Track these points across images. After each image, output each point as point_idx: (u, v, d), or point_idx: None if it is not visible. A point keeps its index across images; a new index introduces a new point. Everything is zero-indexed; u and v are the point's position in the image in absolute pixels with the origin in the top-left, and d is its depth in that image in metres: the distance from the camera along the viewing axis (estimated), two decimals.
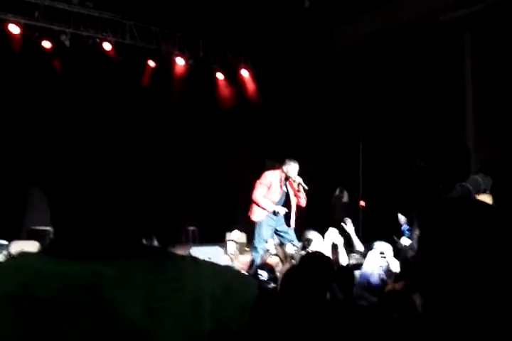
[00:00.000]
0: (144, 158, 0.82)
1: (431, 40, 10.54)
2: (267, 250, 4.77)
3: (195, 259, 0.85)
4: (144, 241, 0.80)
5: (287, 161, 5.91)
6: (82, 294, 0.72)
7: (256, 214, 5.95)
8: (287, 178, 5.92)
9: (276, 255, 4.71)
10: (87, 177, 0.76)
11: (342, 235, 5.06)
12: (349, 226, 5.02)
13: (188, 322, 0.75)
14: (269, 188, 5.89)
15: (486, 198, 4.22)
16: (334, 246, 4.76)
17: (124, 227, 0.77)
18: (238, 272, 0.99)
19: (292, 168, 5.86)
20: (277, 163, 8.80)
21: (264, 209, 5.89)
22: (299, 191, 5.95)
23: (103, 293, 0.72)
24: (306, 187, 5.90)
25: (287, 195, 6.02)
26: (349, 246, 5.16)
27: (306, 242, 4.72)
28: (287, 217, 6.05)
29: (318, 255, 3.16)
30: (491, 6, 9.15)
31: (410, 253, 4.26)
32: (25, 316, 0.70)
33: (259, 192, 5.91)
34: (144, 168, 0.81)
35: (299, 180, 5.89)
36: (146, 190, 0.80)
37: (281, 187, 5.93)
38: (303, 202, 6.07)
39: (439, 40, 10.46)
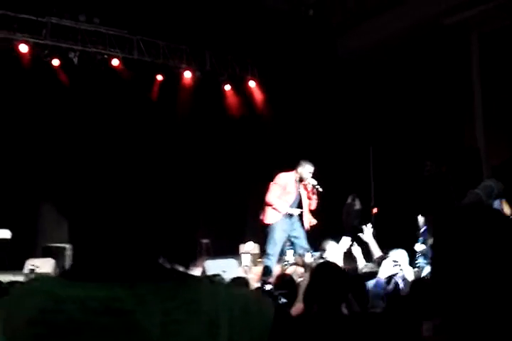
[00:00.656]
0: (161, 183, 0.84)
1: (436, 43, 10.51)
2: (286, 260, 4.75)
3: (212, 280, 0.85)
4: (163, 261, 0.80)
5: (302, 163, 5.87)
6: (99, 318, 0.72)
7: (269, 217, 5.87)
8: (301, 180, 5.87)
9: (295, 264, 4.69)
10: (107, 201, 0.77)
11: (359, 243, 5.02)
12: (366, 234, 4.96)
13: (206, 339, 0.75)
14: (284, 189, 5.83)
15: (505, 205, 4.18)
16: (350, 255, 4.73)
17: (141, 250, 0.78)
18: (254, 293, 0.99)
19: (306, 169, 5.82)
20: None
21: (278, 211, 5.81)
22: (313, 193, 5.90)
23: (121, 317, 0.72)
24: (321, 189, 5.85)
25: (300, 197, 5.97)
26: (367, 255, 5.12)
27: (323, 252, 4.70)
28: (300, 218, 5.99)
29: (330, 265, 3.14)
30: (496, 6, 9.13)
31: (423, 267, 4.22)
32: None
33: (273, 194, 5.84)
34: (161, 192, 0.82)
35: (314, 182, 5.84)
36: (164, 213, 0.81)
37: (296, 188, 5.88)
38: (313, 205, 6.01)
39: (444, 43, 10.43)
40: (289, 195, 5.84)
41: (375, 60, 11.73)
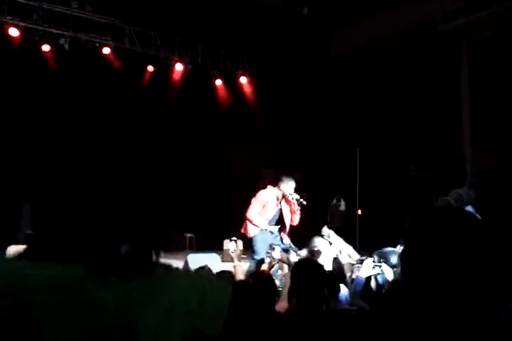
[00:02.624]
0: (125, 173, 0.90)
1: (428, 48, 10.61)
2: (273, 257, 4.75)
3: (170, 270, 0.87)
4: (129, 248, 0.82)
5: (284, 179, 5.91)
6: (63, 295, 0.75)
7: (250, 231, 5.97)
8: (283, 196, 5.92)
9: (280, 261, 4.69)
10: (74, 189, 0.81)
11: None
12: (333, 238, 4.96)
13: (162, 329, 0.79)
14: (264, 206, 5.91)
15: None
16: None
17: (106, 235, 0.80)
18: (214, 280, 1.01)
19: (289, 186, 5.87)
20: (273, 172, 8.86)
21: (257, 227, 5.91)
22: (297, 208, 5.95)
23: (82, 295, 0.75)
24: (305, 203, 5.89)
25: (281, 212, 6.03)
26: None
27: (311, 250, 4.70)
28: (280, 232, 6.06)
29: (309, 261, 3.16)
30: (487, 15, 9.23)
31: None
32: (4, 314, 0.73)
33: (253, 210, 5.92)
34: (125, 181, 0.87)
35: (296, 196, 5.89)
36: (130, 200, 0.84)
37: (277, 205, 5.94)
38: (296, 220, 6.06)
39: (436, 49, 10.52)
40: (269, 211, 5.92)
41: (366, 61, 11.79)
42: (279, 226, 5.96)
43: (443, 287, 0.92)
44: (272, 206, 5.87)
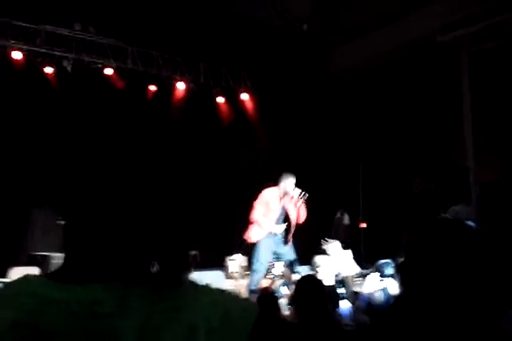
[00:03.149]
0: (155, 192, 0.89)
1: (428, 61, 10.65)
2: (274, 273, 4.73)
3: (195, 287, 0.87)
4: (156, 267, 0.82)
5: (284, 176, 5.90)
6: (79, 321, 0.73)
7: (254, 235, 5.90)
8: (285, 194, 5.88)
9: (283, 276, 4.68)
10: (102, 207, 0.80)
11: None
12: (331, 252, 4.94)
13: None
14: (267, 206, 5.85)
15: None
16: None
17: (131, 255, 0.80)
18: (238, 297, 0.99)
19: (289, 182, 5.84)
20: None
21: (263, 229, 5.83)
22: (298, 204, 5.90)
23: (99, 320, 0.74)
24: (307, 195, 5.85)
25: (286, 211, 5.97)
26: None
27: (316, 267, 4.70)
28: (286, 233, 5.99)
29: (309, 278, 3.17)
30: (487, 27, 9.27)
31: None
32: None
33: (258, 211, 5.86)
34: (155, 202, 0.86)
35: (298, 192, 5.85)
36: (158, 221, 0.84)
37: (280, 203, 5.89)
38: (302, 216, 5.99)
39: (435, 62, 10.56)
40: (273, 211, 5.86)
41: (367, 76, 11.85)
42: (286, 223, 5.91)
43: (442, 297, 0.92)
44: (275, 205, 5.83)
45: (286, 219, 5.92)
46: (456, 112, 10.53)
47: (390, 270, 4.24)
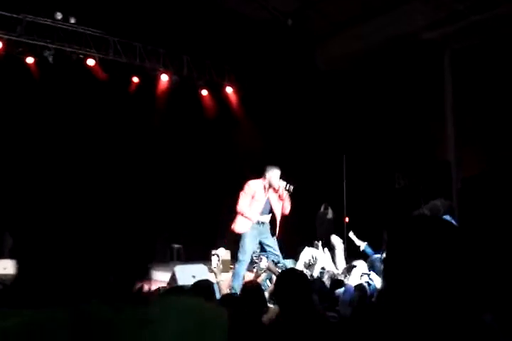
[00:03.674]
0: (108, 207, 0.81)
1: (411, 57, 10.73)
2: (260, 267, 4.73)
3: (165, 299, 0.86)
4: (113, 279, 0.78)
5: (268, 168, 5.93)
6: None
7: (240, 225, 5.92)
8: (270, 185, 5.91)
9: (269, 269, 4.68)
10: (54, 223, 0.75)
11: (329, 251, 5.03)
12: (338, 244, 4.99)
13: None
14: (253, 197, 5.88)
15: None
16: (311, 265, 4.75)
17: (87, 270, 0.76)
18: (209, 305, 0.97)
19: (274, 174, 5.87)
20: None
21: (249, 220, 5.85)
22: (283, 195, 5.94)
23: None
24: (292, 187, 5.89)
25: (270, 203, 6.00)
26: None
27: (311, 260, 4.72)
28: (272, 225, 6.02)
29: (292, 271, 3.18)
30: (470, 25, 9.38)
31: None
32: None
33: (243, 202, 5.89)
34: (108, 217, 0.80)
35: (283, 184, 5.88)
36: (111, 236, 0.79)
37: (265, 195, 5.93)
38: (287, 208, 6.02)
39: (419, 58, 10.65)
40: (259, 202, 5.89)
41: (351, 70, 11.89)
42: (270, 214, 5.94)
43: (423, 292, 0.93)
44: (260, 196, 5.88)
45: (271, 210, 5.95)
46: (438, 108, 10.65)
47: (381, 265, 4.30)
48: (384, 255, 1.12)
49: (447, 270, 0.94)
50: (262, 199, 5.88)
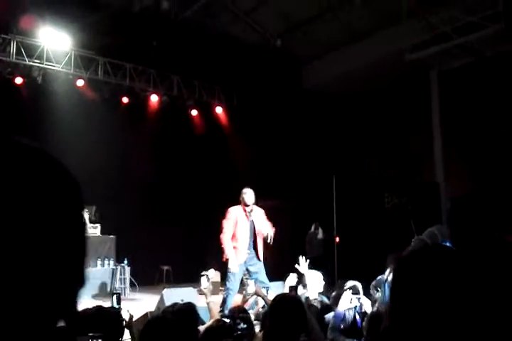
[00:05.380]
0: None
1: (398, 78, 10.88)
2: (247, 291, 4.68)
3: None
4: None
5: (242, 191, 5.96)
6: None
7: (232, 264, 5.97)
8: (248, 208, 5.94)
9: (256, 294, 4.62)
10: None
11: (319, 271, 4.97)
12: (302, 266, 4.93)
13: None
14: (236, 223, 5.90)
15: None
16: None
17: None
18: None
19: (248, 195, 5.89)
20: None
21: (229, 257, 5.89)
22: (261, 218, 5.96)
23: None
24: (259, 207, 5.93)
25: (254, 227, 6.00)
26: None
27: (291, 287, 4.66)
28: (255, 249, 6.01)
29: (287, 296, 3.14)
30: (454, 47, 9.54)
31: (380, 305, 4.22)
32: None
33: (226, 232, 5.92)
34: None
35: (257, 207, 5.94)
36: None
37: (247, 218, 5.94)
38: (267, 228, 5.97)
39: (405, 79, 10.80)
40: (243, 226, 5.91)
41: (338, 91, 12.02)
42: (252, 239, 5.93)
43: (433, 331, 0.92)
44: (243, 220, 5.91)
45: (253, 234, 5.95)
46: (426, 128, 10.76)
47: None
48: (389, 279, 1.10)
49: (459, 304, 0.93)
50: (244, 223, 5.91)
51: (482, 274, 1.10)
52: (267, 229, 5.90)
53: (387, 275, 4.29)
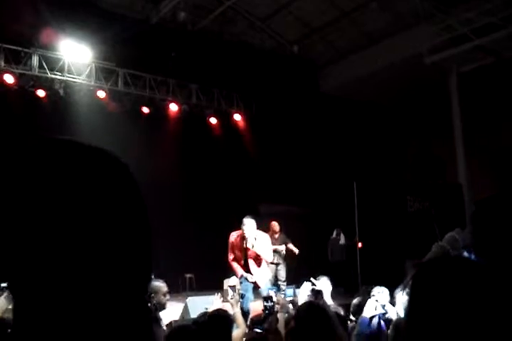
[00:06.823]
0: None
1: (417, 81, 10.79)
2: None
3: None
4: None
5: (243, 220, 5.95)
6: None
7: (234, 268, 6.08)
8: (244, 237, 5.95)
9: (279, 304, 4.62)
10: None
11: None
12: (321, 284, 4.90)
13: None
14: (232, 248, 6.00)
15: None
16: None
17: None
18: None
19: (247, 226, 5.88)
20: (272, 207, 8.81)
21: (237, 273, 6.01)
22: (251, 248, 5.95)
23: None
24: (254, 244, 5.91)
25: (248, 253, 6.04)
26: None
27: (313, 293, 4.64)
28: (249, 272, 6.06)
29: (313, 304, 3.11)
30: (474, 47, 9.44)
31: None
32: None
33: (230, 255, 6.08)
34: None
35: (251, 239, 5.90)
36: None
37: (244, 245, 5.96)
38: (264, 256, 6.00)
39: (425, 81, 10.70)
40: (239, 252, 5.99)
41: (357, 96, 11.96)
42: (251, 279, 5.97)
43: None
44: (238, 246, 5.95)
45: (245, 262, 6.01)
46: (447, 130, 10.62)
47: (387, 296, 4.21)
48: (406, 290, 1.09)
49: (478, 318, 0.91)
50: (240, 249, 5.97)
51: (505, 287, 1.07)
52: (261, 251, 5.94)
53: (406, 284, 4.23)
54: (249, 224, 5.86)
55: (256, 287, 5.99)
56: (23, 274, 0.55)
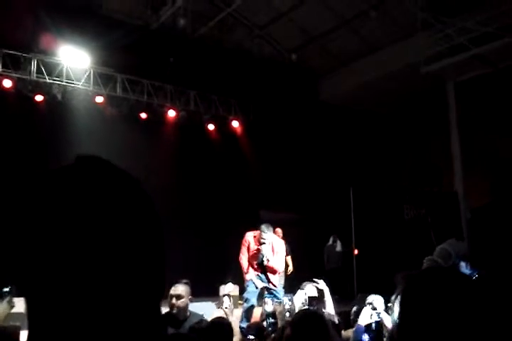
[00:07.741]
0: None
1: (415, 89, 10.85)
2: (265, 310, 4.69)
3: None
4: None
5: (262, 226, 5.98)
6: None
7: (246, 273, 6.07)
8: (260, 241, 5.99)
9: (275, 313, 4.61)
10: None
11: (336, 285, 4.95)
12: (322, 284, 4.90)
13: None
14: (248, 248, 6.01)
15: None
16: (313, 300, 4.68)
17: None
18: None
19: (266, 236, 5.91)
20: (272, 213, 8.81)
21: (248, 273, 5.96)
22: (267, 263, 5.97)
23: None
24: (267, 259, 5.91)
25: (263, 255, 6.04)
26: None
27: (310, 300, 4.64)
28: (266, 277, 6.08)
29: (309, 312, 3.10)
30: (472, 57, 9.50)
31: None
32: None
33: (242, 255, 6.10)
34: None
35: (269, 254, 5.93)
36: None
37: (258, 245, 5.99)
38: (273, 264, 6.02)
39: (422, 90, 10.76)
40: (253, 253, 6.01)
41: (355, 104, 12.02)
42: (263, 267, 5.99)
43: None
44: (253, 246, 5.98)
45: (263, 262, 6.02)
46: (444, 138, 10.67)
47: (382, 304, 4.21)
48: (397, 300, 1.09)
49: (468, 330, 0.92)
50: (255, 250, 6.00)
51: (493, 298, 1.07)
52: (277, 264, 5.96)
53: (395, 296, 4.21)
54: (269, 235, 5.92)
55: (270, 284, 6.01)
56: (41, 285, 0.57)
